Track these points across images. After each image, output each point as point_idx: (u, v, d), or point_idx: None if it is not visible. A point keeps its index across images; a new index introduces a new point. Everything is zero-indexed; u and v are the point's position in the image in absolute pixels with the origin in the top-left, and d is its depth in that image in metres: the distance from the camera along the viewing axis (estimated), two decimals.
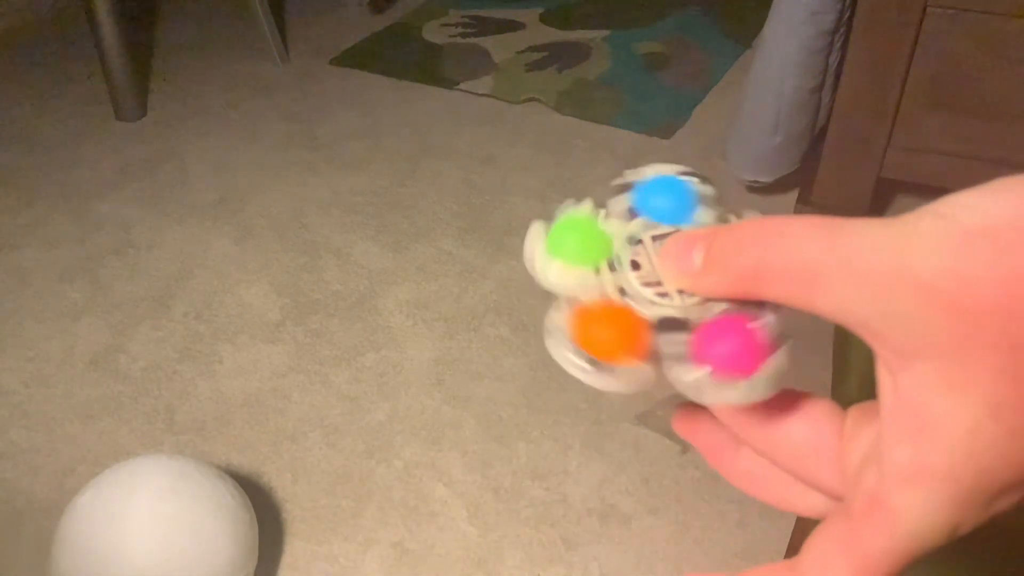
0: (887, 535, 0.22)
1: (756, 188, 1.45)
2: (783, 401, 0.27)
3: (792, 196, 1.41)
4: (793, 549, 0.73)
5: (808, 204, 1.33)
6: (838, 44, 1.25)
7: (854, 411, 0.26)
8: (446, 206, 1.48)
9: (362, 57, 1.94)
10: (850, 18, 1.20)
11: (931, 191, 0.24)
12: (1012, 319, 0.20)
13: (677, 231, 0.27)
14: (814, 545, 0.24)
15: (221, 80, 1.88)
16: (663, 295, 0.26)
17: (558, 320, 0.27)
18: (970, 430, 0.21)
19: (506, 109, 1.74)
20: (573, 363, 0.26)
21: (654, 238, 0.27)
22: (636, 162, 0.31)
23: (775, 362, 0.25)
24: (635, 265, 0.27)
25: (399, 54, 1.95)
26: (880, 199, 1.32)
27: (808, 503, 0.28)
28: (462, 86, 1.81)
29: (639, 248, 0.27)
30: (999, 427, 0.21)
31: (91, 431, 1.11)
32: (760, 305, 0.25)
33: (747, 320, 0.25)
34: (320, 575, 0.96)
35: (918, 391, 0.22)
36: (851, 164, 1.27)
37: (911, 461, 0.22)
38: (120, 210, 1.51)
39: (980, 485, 0.21)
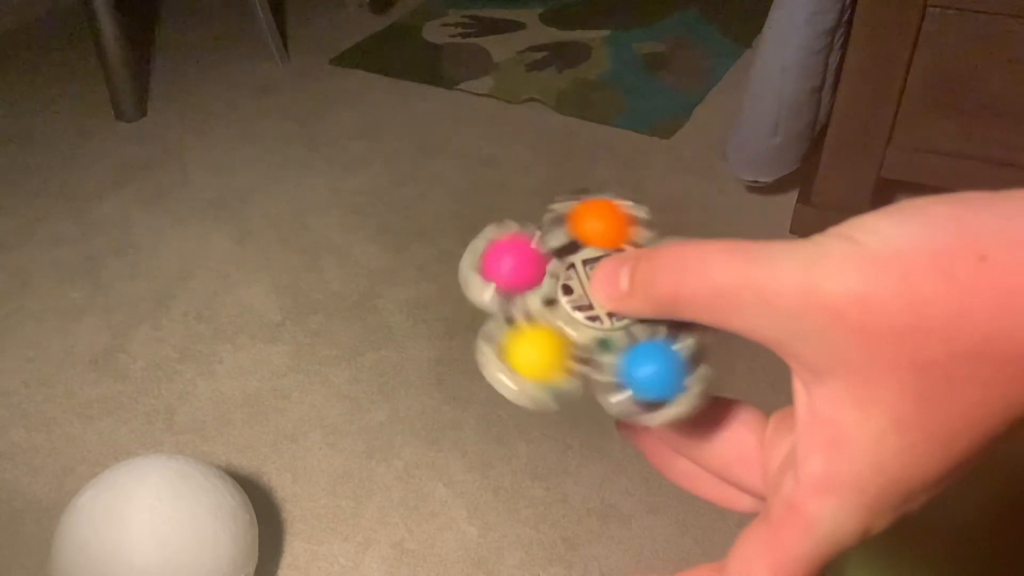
0: (803, 539, 0.24)
1: (756, 188, 1.45)
2: (707, 411, 0.29)
3: (792, 196, 1.41)
4: None
5: (808, 204, 1.33)
6: (838, 44, 1.25)
7: (775, 418, 0.28)
8: (446, 206, 1.48)
9: (362, 57, 1.94)
10: (850, 18, 1.20)
11: (931, 191, 0.24)
12: (915, 342, 0.21)
13: (607, 255, 0.29)
14: (739, 547, 0.25)
15: (221, 80, 1.88)
16: (594, 318, 0.28)
17: (492, 337, 0.28)
18: (875, 443, 0.22)
19: (506, 109, 1.74)
20: (502, 382, 0.28)
21: (585, 262, 0.29)
22: (636, 162, 0.31)
23: (695, 384, 0.27)
24: (567, 290, 0.28)
25: (399, 54, 1.95)
26: (880, 199, 1.32)
27: (744, 501, 0.30)
28: (462, 86, 1.81)
29: (571, 272, 0.28)
30: (902, 440, 0.22)
31: (91, 431, 1.11)
32: (689, 325, 0.27)
33: (668, 344, 0.27)
34: (320, 575, 0.96)
35: (828, 406, 0.23)
36: (851, 164, 1.27)
37: (822, 471, 0.23)
38: (120, 210, 1.51)
39: (886, 493, 0.23)
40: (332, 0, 2.17)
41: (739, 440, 0.28)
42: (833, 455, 0.23)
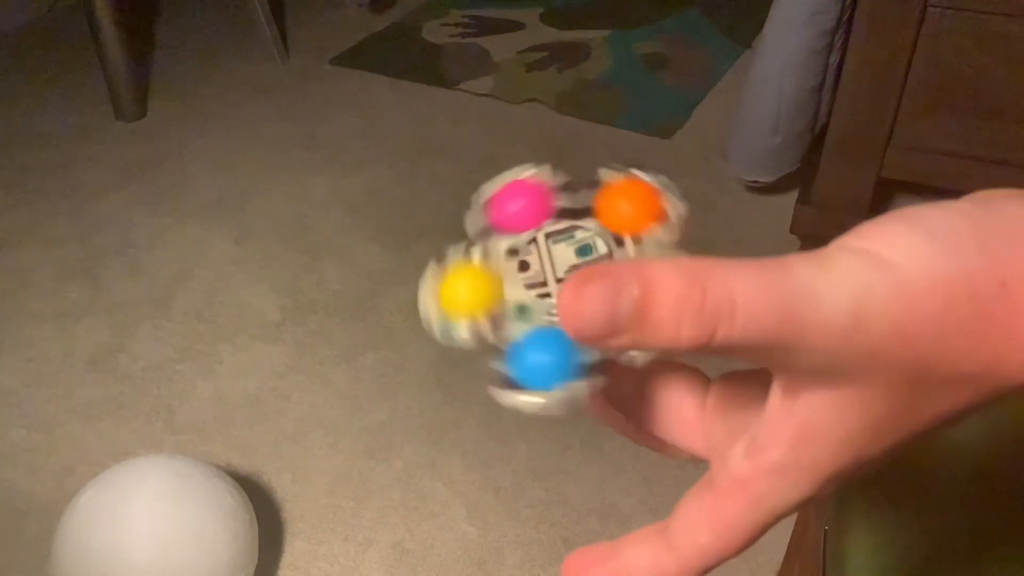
0: (750, 511, 0.24)
1: (756, 188, 1.45)
2: (646, 372, 0.28)
3: (792, 196, 1.41)
4: (793, 548, 0.73)
5: (808, 204, 1.33)
6: (838, 44, 1.25)
7: (717, 387, 0.28)
8: (446, 206, 1.48)
9: (362, 57, 1.94)
10: (850, 18, 1.20)
11: (931, 191, 0.23)
12: (931, 366, 0.21)
13: (570, 233, 0.26)
14: (683, 510, 0.25)
15: (221, 80, 1.88)
16: (545, 296, 0.26)
17: (440, 266, 0.27)
18: (843, 442, 0.23)
19: (506, 109, 1.74)
20: (424, 303, 0.27)
21: (548, 236, 0.26)
22: (636, 162, 0.30)
23: (576, 388, 0.25)
24: (524, 266, 0.26)
25: (399, 54, 1.95)
26: (880, 199, 1.32)
27: (678, 452, 0.30)
28: (462, 86, 1.81)
29: (531, 247, 0.26)
30: (869, 437, 0.23)
31: (91, 431, 1.11)
32: None
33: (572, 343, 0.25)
34: (320, 575, 0.96)
35: (807, 409, 0.23)
36: (851, 164, 1.27)
37: (782, 459, 0.23)
38: (120, 210, 1.50)
39: (838, 475, 0.24)
40: (332, 0, 2.17)
41: (677, 402, 0.28)
42: (798, 447, 0.23)
